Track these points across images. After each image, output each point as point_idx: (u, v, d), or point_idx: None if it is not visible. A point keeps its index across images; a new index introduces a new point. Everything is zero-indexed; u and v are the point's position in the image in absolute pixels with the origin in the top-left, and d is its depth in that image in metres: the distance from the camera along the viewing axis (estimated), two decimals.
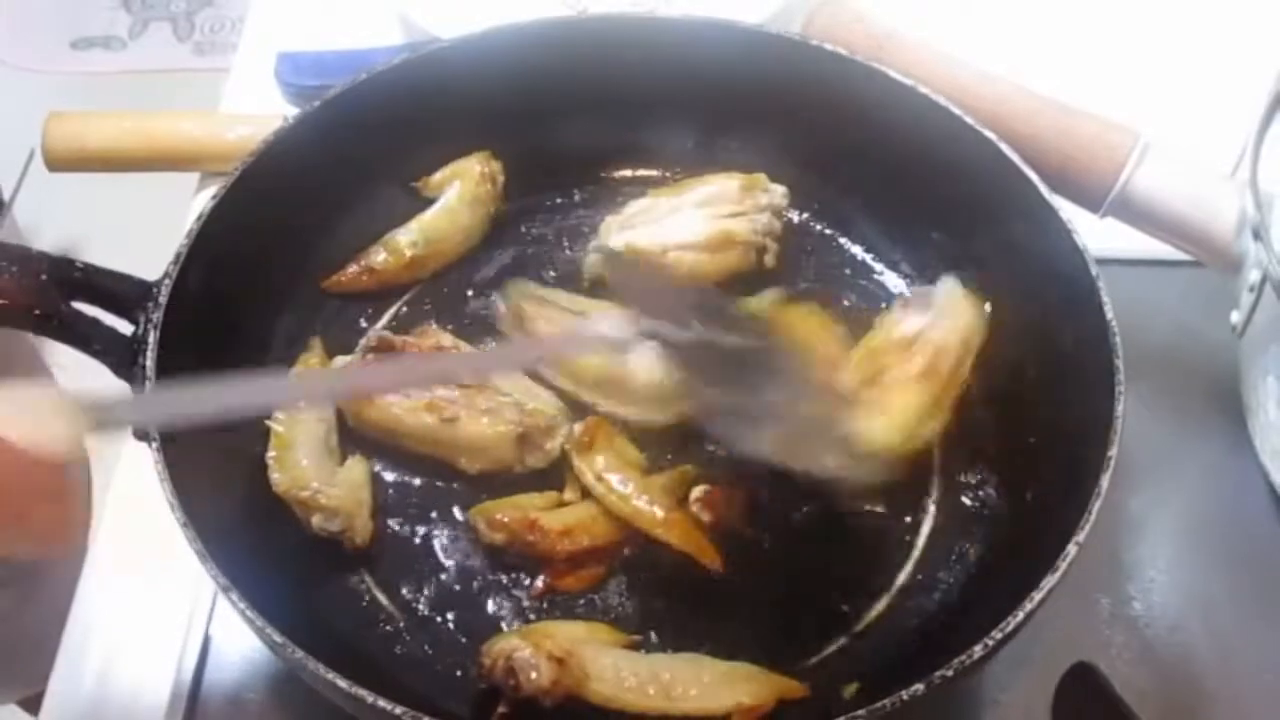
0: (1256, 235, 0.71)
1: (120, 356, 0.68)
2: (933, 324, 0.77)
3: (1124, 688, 0.66)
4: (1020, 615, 0.59)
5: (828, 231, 0.86)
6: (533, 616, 0.71)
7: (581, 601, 0.71)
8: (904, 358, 0.76)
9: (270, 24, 1.08)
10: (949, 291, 0.78)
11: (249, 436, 0.71)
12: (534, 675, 0.63)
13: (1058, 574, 0.60)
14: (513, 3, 1.02)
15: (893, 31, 0.84)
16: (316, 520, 0.70)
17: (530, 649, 0.64)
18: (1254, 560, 0.78)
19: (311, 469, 0.72)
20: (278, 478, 0.71)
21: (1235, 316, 0.75)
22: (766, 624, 0.71)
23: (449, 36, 0.86)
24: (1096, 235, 0.73)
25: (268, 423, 0.73)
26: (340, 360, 0.78)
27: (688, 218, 0.83)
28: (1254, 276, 0.72)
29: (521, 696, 0.64)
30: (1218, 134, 0.82)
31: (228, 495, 0.69)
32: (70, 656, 0.75)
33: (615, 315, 0.73)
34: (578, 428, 0.74)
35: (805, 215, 0.87)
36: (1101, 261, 0.70)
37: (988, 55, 0.84)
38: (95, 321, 0.68)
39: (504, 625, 0.70)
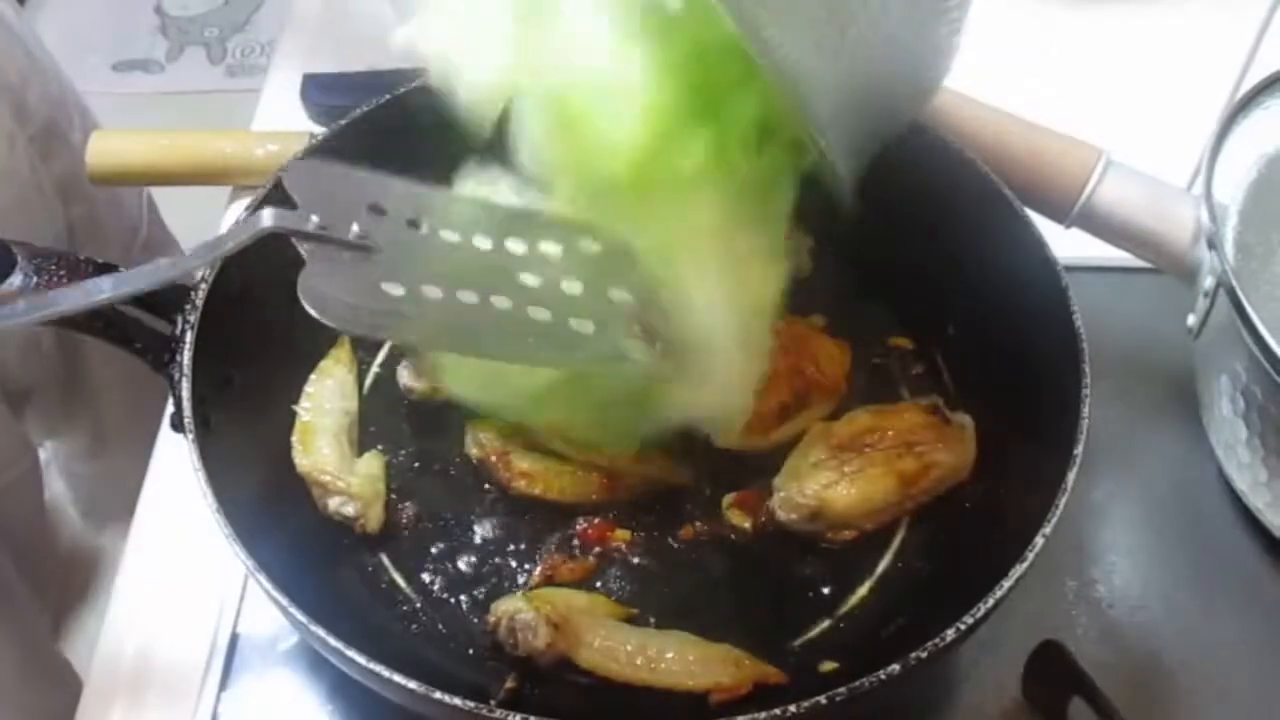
0: (1211, 244, 0.71)
1: (159, 354, 0.68)
2: (938, 445, 0.73)
3: (1089, 663, 0.66)
4: (990, 601, 0.59)
5: (811, 246, 0.85)
6: None
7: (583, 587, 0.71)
8: (899, 451, 0.72)
9: (298, 48, 1.08)
10: (966, 426, 0.74)
11: (276, 424, 0.71)
12: (531, 637, 0.65)
13: (1025, 563, 0.60)
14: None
15: None
16: (333, 504, 0.71)
17: (532, 612, 0.65)
18: (1208, 544, 0.78)
19: (332, 456, 0.72)
20: (301, 460, 0.71)
21: (1191, 320, 0.75)
22: (754, 607, 0.71)
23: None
24: (1062, 244, 0.73)
25: (294, 408, 0.73)
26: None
27: None
28: (1208, 283, 0.72)
29: (520, 655, 0.65)
30: (1175, 150, 0.82)
31: (255, 484, 0.70)
32: (112, 633, 0.75)
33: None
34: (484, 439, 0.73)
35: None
36: (1067, 269, 0.70)
37: (960, 77, 0.84)
38: (136, 322, 0.69)
39: None
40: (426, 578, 0.72)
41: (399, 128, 0.81)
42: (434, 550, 0.73)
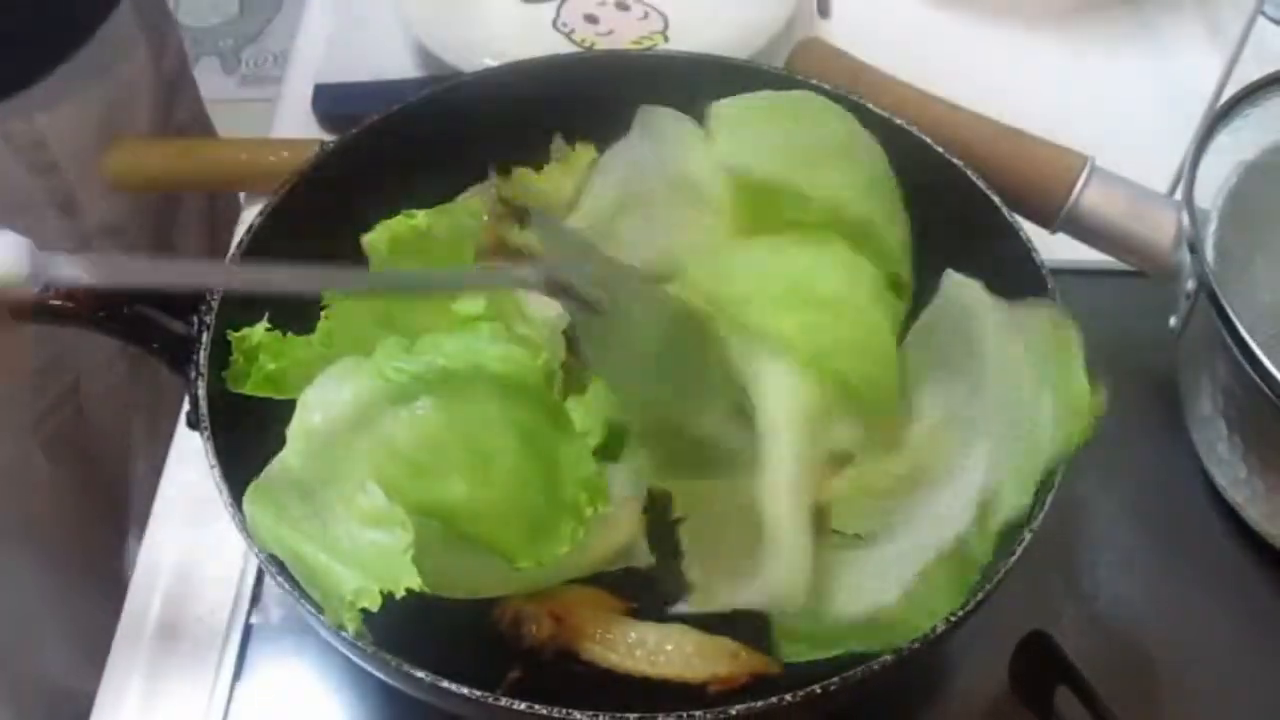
0: (1192, 248, 0.71)
1: (175, 353, 0.68)
2: None
3: (1074, 653, 0.67)
4: (979, 595, 0.59)
5: None
6: None
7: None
8: None
9: (310, 58, 1.08)
10: None
11: (288, 422, 0.71)
12: (534, 629, 0.65)
13: (1013, 558, 0.60)
14: (524, 39, 1.02)
15: (866, 66, 0.85)
16: None
17: (534, 605, 0.65)
18: (1190, 539, 0.78)
19: None
20: None
21: (1173, 321, 0.75)
22: None
23: (469, 70, 0.86)
24: (1048, 248, 0.73)
25: None
26: None
27: None
28: (1190, 285, 0.72)
29: (524, 647, 0.65)
30: (1157, 157, 0.82)
31: None
32: (127, 628, 0.76)
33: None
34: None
35: None
36: (1053, 272, 0.70)
37: (950, 86, 0.84)
38: (154, 322, 0.69)
39: None
40: None
41: (409, 136, 0.81)
42: None
